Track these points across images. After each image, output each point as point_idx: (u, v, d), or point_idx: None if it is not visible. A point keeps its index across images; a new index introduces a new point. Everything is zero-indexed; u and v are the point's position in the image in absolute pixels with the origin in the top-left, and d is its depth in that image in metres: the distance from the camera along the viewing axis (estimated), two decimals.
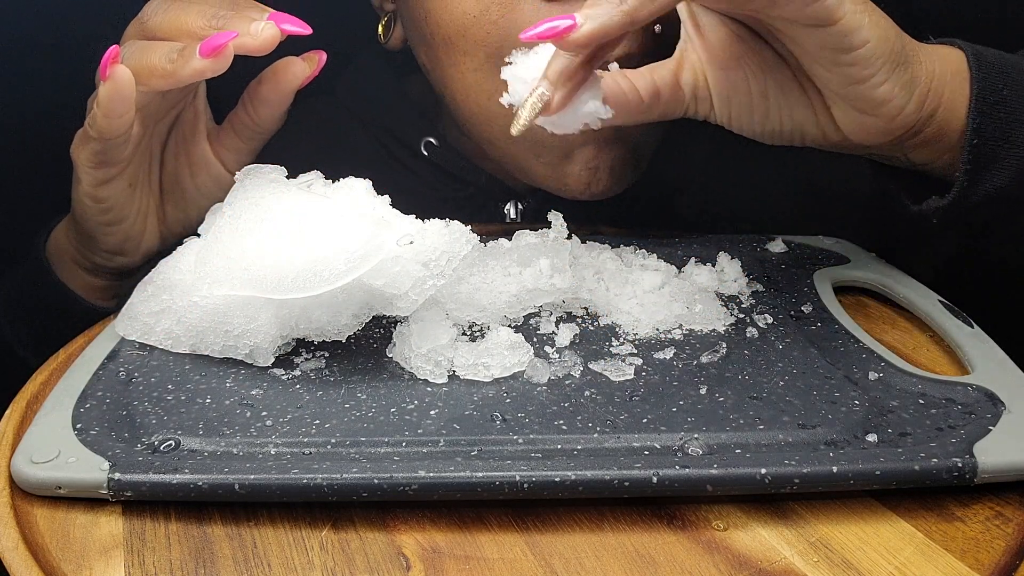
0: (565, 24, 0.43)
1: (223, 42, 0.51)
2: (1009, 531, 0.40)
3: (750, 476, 0.40)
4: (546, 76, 0.46)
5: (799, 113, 0.52)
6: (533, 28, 0.44)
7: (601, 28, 0.43)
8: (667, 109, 0.52)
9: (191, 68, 0.51)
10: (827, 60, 0.48)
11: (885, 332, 0.56)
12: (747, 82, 0.51)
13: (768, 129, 0.53)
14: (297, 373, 0.48)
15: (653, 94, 0.51)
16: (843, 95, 0.49)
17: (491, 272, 0.54)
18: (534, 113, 0.47)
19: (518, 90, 0.48)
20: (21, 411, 0.47)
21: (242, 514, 0.41)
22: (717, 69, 0.51)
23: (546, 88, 0.46)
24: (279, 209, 0.49)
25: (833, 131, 0.52)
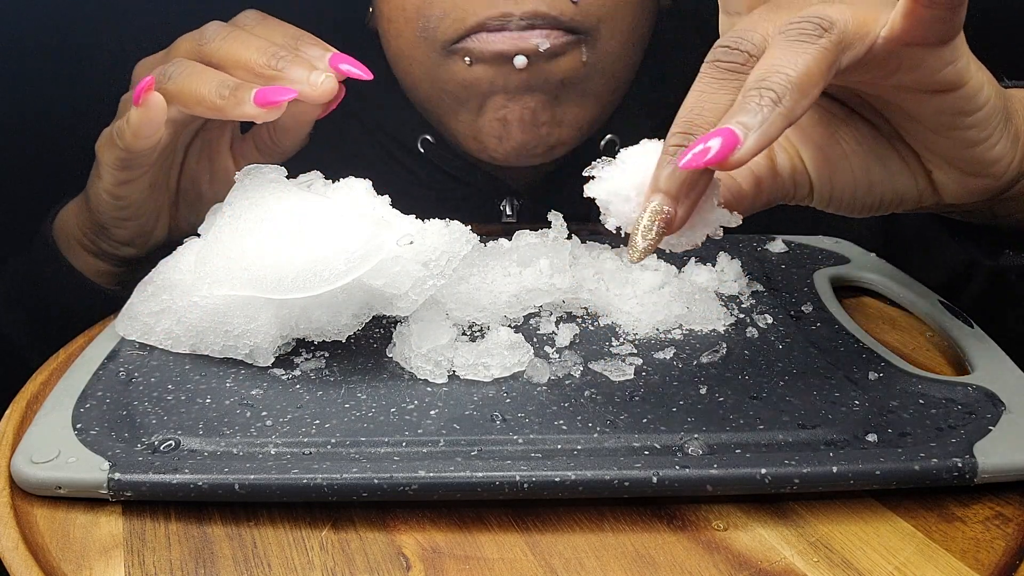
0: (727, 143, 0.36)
1: (279, 100, 0.51)
2: (1009, 531, 0.40)
3: (750, 476, 0.40)
4: (660, 190, 0.39)
5: (900, 182, 0.48)
6: (683, 157, 0.37)
7: (766, 140, 0.37)
8: (771, 197, 0.47)
9: (241, 111, 0.51)
10: (945, 125, 0.44)
11: (885, 332, 0.56)
12: (847, 159, 0.47)
13: (869, 203, 0.48)
14: (297, 373, 0.48)
15: (755, 184, 0.46)
16: (954, 159, 0.46)
17: (491, 272, 0.54)
18: (655, 237, 0.38)
19: (621, 210, 0.41)
20: (21, 411, 0.47)
21: (242, 514, 0.41)
22: (813, 149, 0.47)
23: (667, 204, 0.39)
24: (279, 209, 0.49)
25: (930, 195, 0.48)
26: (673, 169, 0.39)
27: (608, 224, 0.42)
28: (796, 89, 0.38)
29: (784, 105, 0.37)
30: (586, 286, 0.54)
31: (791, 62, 0.38)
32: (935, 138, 0.45)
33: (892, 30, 0.40)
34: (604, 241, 0.61)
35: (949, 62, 0.42)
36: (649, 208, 0.39)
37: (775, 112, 0.37)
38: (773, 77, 0.38)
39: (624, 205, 0.41)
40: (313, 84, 0.52)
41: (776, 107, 0.37)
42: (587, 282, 0.55)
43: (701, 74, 0.40)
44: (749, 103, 0.38)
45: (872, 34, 0.40)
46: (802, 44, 0.38)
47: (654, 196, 0.39)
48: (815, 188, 0.48)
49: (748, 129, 0.37)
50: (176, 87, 0.52)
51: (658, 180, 0.39)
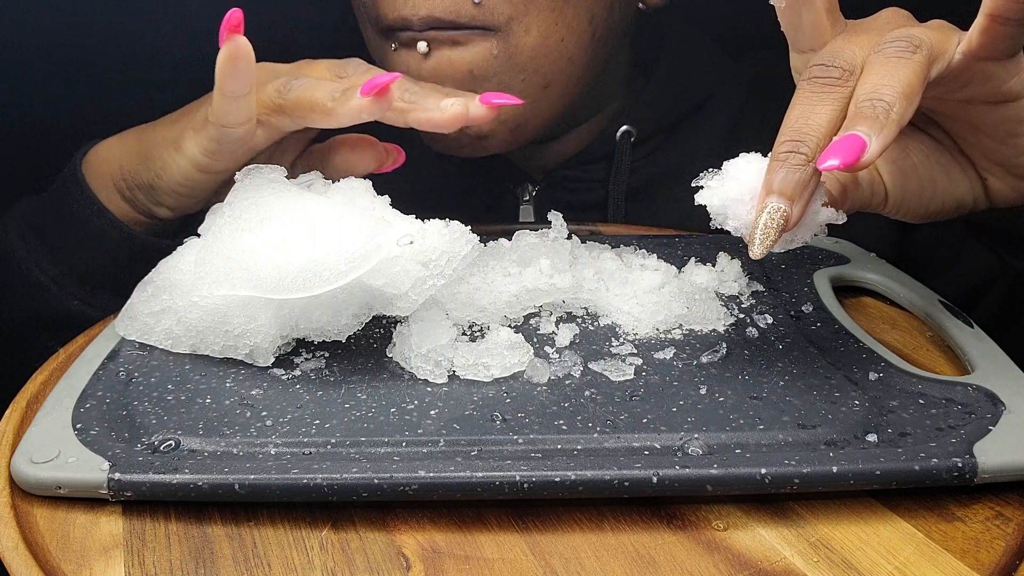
0: (857, 147, 0.41)
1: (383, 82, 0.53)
2: (1009, 531, 0.40)
3: (750, 476, 0.40)
4: (777, 191, 0.42)
5: (960, 189, 0.52)
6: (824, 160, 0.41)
7: (887, 143, 0.41)
8: (852, 204, 0.50)
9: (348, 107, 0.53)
10: (1007, 133, 0.48)
11: (885, 332, 0.56)
12: (916, 170, 0.51)
13: (934, 209, 0.52)
14: (297, 373, 0.48)
15: (841, 192, 0.49)
16: (1011, 165, 0.50)
17: (491, 272, 0.54)
18: (775, 234, 0.42)
19: (737, 213, 0.45)
20: (21, 411, 0.47)
21: (242, 514, 0.41)
22: (888, 162, 0.51)
23: (784, 204, 0.42)
24: (279, 209, 0.49)
25: (983, 200, 0.52)
26: (787, 172, 0.42)
27: (725, 226, 0.45)
28: (903, 98, 0.42)
29: (896, 112, 0.41)
30: (586, 286, 0.54)
31: (895, 76, 0.42)
32: (995, 146, 0.49)
33: (969, 46, 0.44)
34: (604, 241, 0.61)
35: (1014, 74, 0.46)
36: (768, 208, 0.43)
37: (890, 119, 0.41)
38: (882, 90, 0.42)
39: (740, 208, 0.45)
40: (443, 109, 0.55)
41: (890, 114, 0.41)
42: (587, 282, 0.55)
43: (800, 90, 0.44)
44: (866, 112, 0.41)
45: (950, 52, 0.44)
46: (901, 60, 0.42)
47: (770, 198, 0.43)
48: (889, 196, 0.51)
49: (870, 135, 0.41)
50: (295, 96, 0.55)
51: (772, 183, 0.43)
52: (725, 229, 0.45)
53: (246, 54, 0.52)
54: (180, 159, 0.58)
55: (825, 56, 0.45)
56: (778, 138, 0.43)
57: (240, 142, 0.56)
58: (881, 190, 0.51)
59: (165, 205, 0.61)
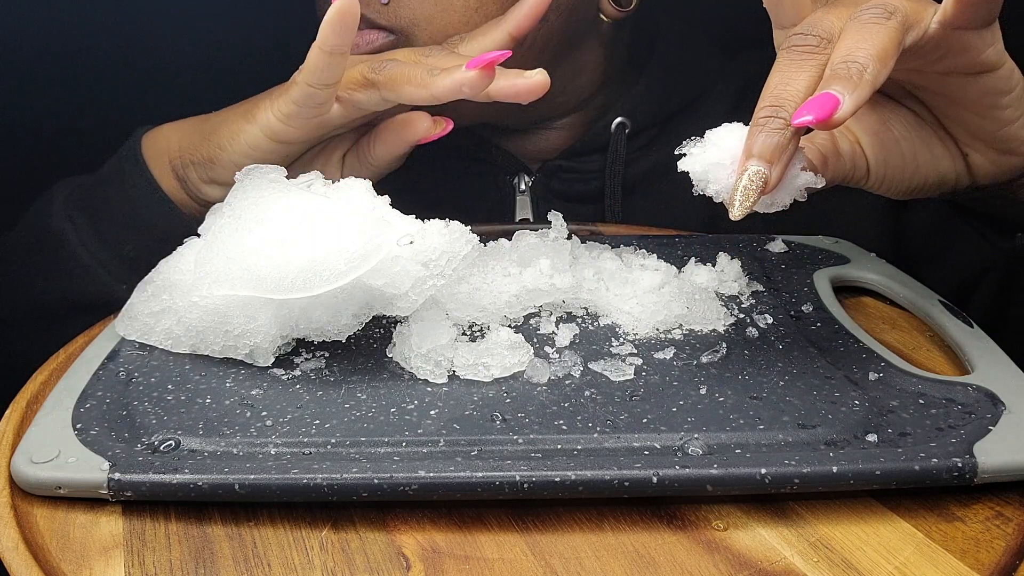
0: (830, 104, 0.42)
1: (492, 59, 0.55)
2: (1009, 531, 0.40)
3: (750, 476, 0.40)
4: (756, 154, 0.44)
5: (942, 164, 0.53)
6: (799, 116, 0.43)
7: (860, 102, 0.42)
8: (834, 175, 0.51)
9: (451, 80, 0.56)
10: (985, 105, 0.49)
11: (885, 332, 0.56)
12: (898, 144, 0.52)
13: (915, 185, 0.53)
14: (297, 373, 0.48)
15: (822, 162, 0.50)
16: (992, 139, 0.51)
17: (491, 272, 0.54)
18: (755, 195, 0.44)
19: (718, 177, 0.46)
20: (21, 411, 0.47)
21: (242, 514, 0.41)
22: (869, 135, 0.52)
23: (762, 166, 0.43)
24: (279, 209, 0.49)
25: (965, 176, 0.53)
26: (766, 136, 0.44)
27: (707, 192, 0.46)
28: (877, 60, 0.43)
29: (870, 72, 0.43)
30: (586, 286, 0.54)
31: (869, 40, 0.43)
32: (975, 119, 0.50)
33: (944, 15, 0.45)
34: (604, 241, 0.61)
35: (990, 44, 0.46)
36: (748, 171, 0.44)
37: (863, 79, 0.42)
38: (857, 53, 0.43)
39: (721, 173, 0.46)
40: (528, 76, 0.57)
41: (863, 75, 0.42)
42: (587, 282, 0.55)
43: (779, 59, 0.46)
44: (840, 72, 0.43)
45: (926, 20, 0.45)
46: (875, 25, 0.44)
47: (750, 161, 0.44)
48: (871, 169, 0.52)
49: (843, 93, 0.42)
50: (388, 73, 0.57)
51: (752, 147, 0.44)
52: (707, 195, 0.46)
53: (354, 13, 0.54)
54: (251, 127, 0.59)
55: (804, 26, 0.46)
56: (758, 104, 0.44)
57: (319, 108, 0.58)
58: (863, 163, 0.52)
59: (217, 182, 0.62)
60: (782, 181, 0.45)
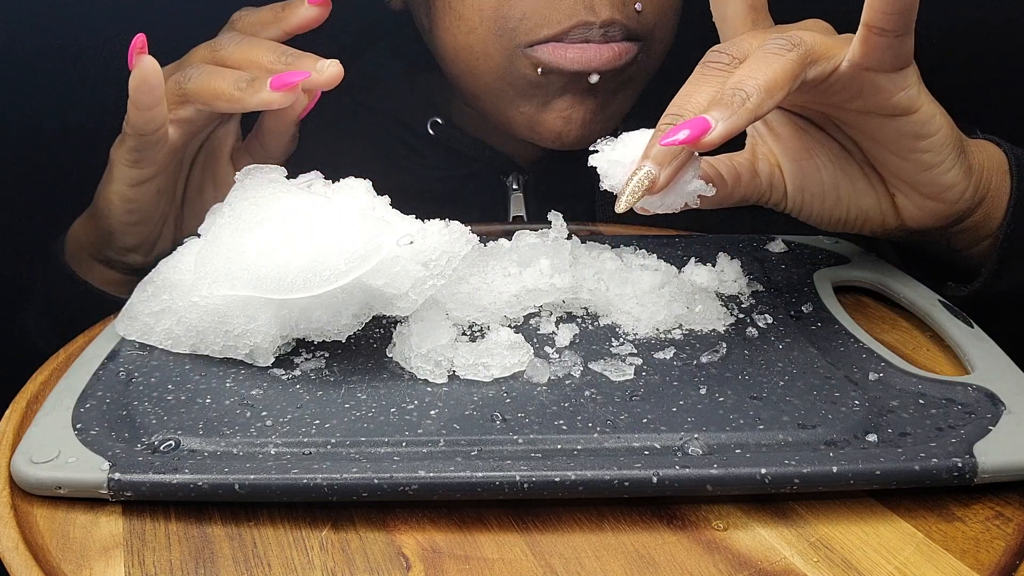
0: (700, 128, 0.44)
1: (295, 80, 0.56)
2: (1009, 531, 0.40)
3: (750, 476, 0.40)
4: (650, 156, 0.46)
5: (865, 201, 0.54)
6: (668, 136, 0.45)
7: (733, 129, 0.44)
8: (746, 193, 0.54)
9: (259, 98, 0.56)
10: (904, 148, 0.51)
11: (885, 332, 0.56)
12: (819, 172, 0.54)
13: (836, 217, 0.55)
14: (297, 373, 0.48)
15: (735, 178, 0.53)
16: (914, 182, 0.52)
17: (491, 272, 0.54)
18: (640, 192, 0.46)
19: (615, 173, 0.48)
20: (21, 411, 0.47)
21: (242, 514, 0.41)
22: (790, 160, 0.54)
23: (652, 168, 0.46)
24: (279, 209, 0.49)
25: (893, 217, 0.54)
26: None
27: (603, 185, 0.49)
28: (763, 91, 0.45)
29: (751, 103, 0.45)
30: (586, 286, 0.54)
31: (762, 70, 0.45)
32: (896, 160, 0.52)
33: (853, 55, 0.47)
34: (604, 241, 0.61)
35: (903, 88, 0.49)
36: (640, 171, 0.46)
37: (743, 108, 0.44)
38: (746, 81, 0.45)
39: (619, 170, 0.48)
40: (320, 71, 0.58)
41: (745, 104, 0.44)
42: (587, 282, 0.55)
43: (694, 73, 0.48)
44: (724, 99, 0.45)
45: (836, 58, 0.47)
46: (774, 56, 0.46)
47: (644, 161, 0.46)
48: (788, 194, 0.55)
49: (718, 120, 0.44)
50: (196, 86, 0.57)
51: (649, 150, 0.46)
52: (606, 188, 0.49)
53: (154, 72, 0.55)
54: (114, 186, 0.60)
55: (723, 45, 0.49)
56: (664, 113, 0.47)
57: (158, 145, 0.58)
58: (781, 185, 0.55)
59: (128, 247, 0.64)
60: (672, 184, 0.47)
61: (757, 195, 0.54)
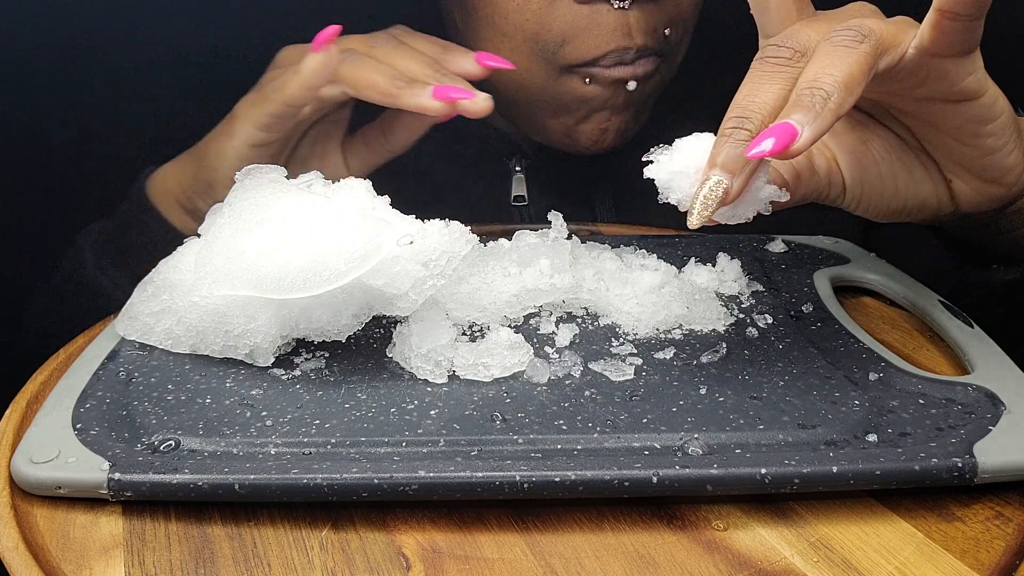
0: (788, 135, 0.42)
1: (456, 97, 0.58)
2: (1009, 531, 0.40)
3: (750, 476, 0.40)
4: (719, 164, 0.43)
5: (923, 189, 0.52)
6: (750, 149, 0.42)
7: (819, 133, 0.42)
8: (807, 191, 0.51)
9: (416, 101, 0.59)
10: (967, 133, 0.49)
11: (885, 332, 0.56)
12: (876, 164, 0.52)
13: (894, 208, 0.53)
14: (297, 373, 0.48)
15: (795, 177, 0.50)
16: (975, 167, 0.50)
17: (491, 272, 0.54)
18: (713, 205, 0.43)
19: (679, 185, 0.46)
20: (21, 411, 0.47)
21: (242, 514, 0.41)
22: (846, 153, 0.52)
23: (723, 177, 0.43)
24: (279, 209, 0.49)
25: (948, 203, 0.53)
26: (730, 147, 0.43)
27: (669, 199, 0.46)
28: (843, 88, 0.42)
29: (833, 102, 0.42)
30: (586, 286, 0.54)
31: (837, 65, 0.43)
32: (958, 147, 0.50)
33: (921, 41, 0.44)
34: (604, 241, 0.61)
35: (970, 72, 0.46)
36: (709, 181, 0.43)
37: (826, 108, 0.42)
38: (823, 78, 0.42)
39: (684, 181, 0.45)
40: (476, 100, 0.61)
41: (827, 104, 0.42)
42: (587, 282, 0.55)
43: (752, 69, 0.45)
44: (803, 101, 0.42)
45: (903, 45, 0.45)
46: (846, 49, 0.43)
47: (712, 171, 0.43)
48: (847, 188, 0.52)
49: (804, 124, 0.42)
50: (351, 71, 0.59)
51: (716, 157, 0.44)
52: (670, 202, 0.46)
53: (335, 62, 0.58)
54: (234, 143, 0.63)
55: (779, 38, 0.46)
56: (726, 115, 0.44)
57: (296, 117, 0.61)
58: (839, 180, 0.52)
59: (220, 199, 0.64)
60: (744, 193, 0.44)
61: (816, 192, 0.52)
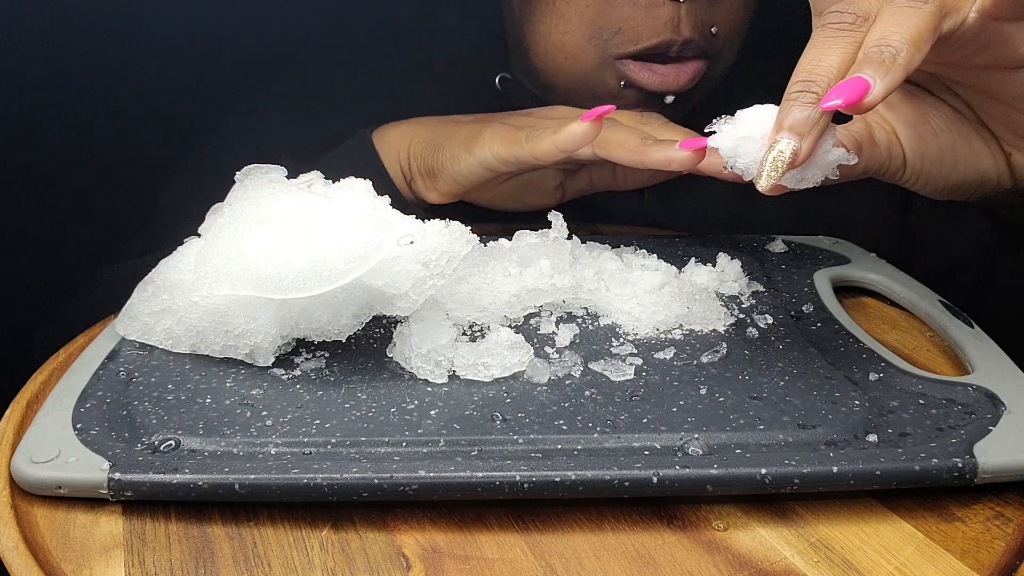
0: (861, 88, 0.42)
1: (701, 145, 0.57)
2: (1009, 531, 0.40)
3: (750, 476, 0.40)
4: (786, 127, 0.43)
5: (983, 163, 0.52)
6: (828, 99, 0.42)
7: (891, 87, 0.42)
8: (868, 164, 0.51)
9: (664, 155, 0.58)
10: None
11: (885, 332, 0.56)
12: (936, 137, 0.52)
13: (953, 182, 0.53)
14: (297, 373, 0.48)
15: (856, 148, 0.50)
16: None
17: (491, 272, 0.54)
18: (782, 167, 0.43)
19: (746, 151, 0.46)
20: (21, 411, 0.47)
21: (242, 514, 0.41)
22: (906, 127, 0.52)
23: (793, 139, 0.43)
24: (279, 209, 0.49)
25: (1008, 178, 0.52)
26: (797, 110, 0.44)
27: (736, 166, 0.46)
28: (911, 44, 0.42)
29: (903, 57, 0.42)
30: (586, 286, 0.54)
31: (904, 23, 0.43)
32: (1019, 117, 0.49)
33: (983, 4, 0.44)
34: (604, 241, 0.61)
35: None
36: (778, 143, 0.44)
37: (896, 64, 0.42)
38: (891, 36, 0.43)
39: (750, 147, 0.46)
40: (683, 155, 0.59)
41: (896, 59, 0.42)
42: (587, 282, 0.55)
43: (815, 36, 0.46)
44: (872, 56, 0.42)
45: (965, 9, 0.45)
46: (911, 9, 0.43)
47: (780, 134, 0.44)
48: (908, 161, 0.52)
49: (875, 78, 0.42)
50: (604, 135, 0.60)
51: (783, 120, 0.44)
52: (735, 170, 0.46)
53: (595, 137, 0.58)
54: (470, 158, 0.64)
55: (841, 4, 0.46)
56: (791, 80, 0.44)
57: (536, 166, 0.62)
58: (899, 153, 0.52)
59: (439, 191, 0.67)
60: (812, 156, 0.44)
61: (877, 165, 0.51)
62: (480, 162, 0.63)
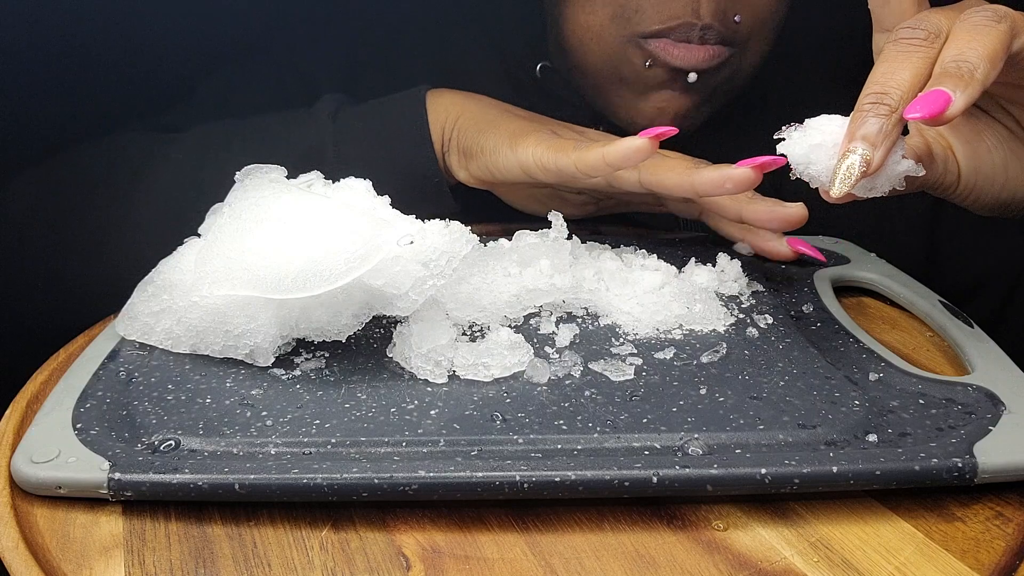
0: (942, 101, 0.43)
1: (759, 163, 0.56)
2: (1009, 531, 0.40)
3: (750, 476, 0.40)
4: (860, 137, 0.45)
5: None
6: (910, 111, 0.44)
7: (971, 101, 0.43)
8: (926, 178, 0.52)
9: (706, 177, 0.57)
10: None
11: (885, 332, 0.56)
12: (990, 153, 0.53)
13: (1003, 199, 0.54)
14: (297, 373, 0.48)
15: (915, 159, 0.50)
16: None
17: (491, 272, 0.54)
18: (856, 175, 0.44)
19: (818, 158, 0.47)
20: (21, 411, 0.47)
21: (242, 514, 0.41)
22: (963, 143, 0.53)
23: (865, 148, 0.44)
24: (279, 209, 0.49)
25: None
26: (871, 120, 0.45)
27: (806, 173, 0.47)
28: (988, 60, 0.44)
29: (980, 73, 0.44)
30: (586, 286, 0.54)
31: (980, 40, 0.44)
32: None
33: None
34: (604, 241, 0.61)
35: None
36: (852, 153, 0.45)
37: (974, 78, 0.43)
38: (968, 53, 0.44)
39: (822, 154, 0.47)
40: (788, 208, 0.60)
41: (974, 75, 0.44)
42: (587, 282, 0.55)
43: (886, 51, 0.47)
44: (951, 71, 0.44)
45: None
46: (986, 27, 0.45)
47: (853, 143, 0.45)
48: (963, 177, 0.53)
49: (955, 91, 0.43)
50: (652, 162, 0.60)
51: (855, 131, 0.45)
52: (804, 178, 0.47)
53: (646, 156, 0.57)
54: (511, 156, 0.63)
55: (912, 21, 0.47)
56: (863, 92, 0.45)
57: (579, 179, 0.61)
58: (955, 168, 0.52)
59: (469, 172, 0.66)
60: (883, 166, 0.45)
61: (933, 179, 0.52)
62: (519, 162, 0.63)
